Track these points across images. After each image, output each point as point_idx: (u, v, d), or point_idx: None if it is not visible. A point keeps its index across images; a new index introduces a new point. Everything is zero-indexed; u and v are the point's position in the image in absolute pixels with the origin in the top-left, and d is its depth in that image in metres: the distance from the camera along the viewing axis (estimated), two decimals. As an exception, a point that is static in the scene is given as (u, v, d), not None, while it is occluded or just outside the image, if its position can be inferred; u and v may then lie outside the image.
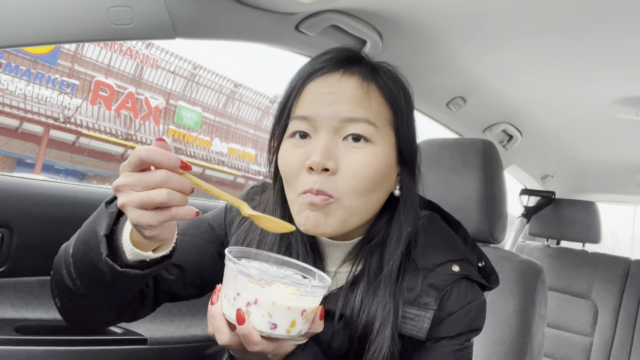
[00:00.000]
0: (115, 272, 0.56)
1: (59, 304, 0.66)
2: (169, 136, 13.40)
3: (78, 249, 0.61)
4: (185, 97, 13.96)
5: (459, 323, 0.66)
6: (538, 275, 1.12)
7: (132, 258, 0.58)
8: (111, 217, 0.58)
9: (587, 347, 2.07)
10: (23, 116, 11.00)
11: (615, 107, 1.51)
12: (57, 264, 0.65)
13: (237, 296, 0.54)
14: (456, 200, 1.16)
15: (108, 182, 12.73)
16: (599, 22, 1.02)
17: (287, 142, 0.67)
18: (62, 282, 0.62)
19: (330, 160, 0.62)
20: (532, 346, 1.05)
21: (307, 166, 0.62)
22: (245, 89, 15.05)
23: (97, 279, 0.59)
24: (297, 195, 0.64)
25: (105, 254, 0.56)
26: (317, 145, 0.62)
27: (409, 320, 0.64)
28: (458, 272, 0.67)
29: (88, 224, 0.61)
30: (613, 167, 2.29)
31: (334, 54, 0.68)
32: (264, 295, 0.53)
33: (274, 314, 0.53)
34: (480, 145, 1.17)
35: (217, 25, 0.95)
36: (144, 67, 13.09)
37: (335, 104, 0.63)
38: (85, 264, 0.59)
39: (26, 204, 0.95)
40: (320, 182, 0.62)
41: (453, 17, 1.07)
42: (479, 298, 0.69)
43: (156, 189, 0.51)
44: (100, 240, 0.57)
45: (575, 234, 2.26)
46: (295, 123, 0.65)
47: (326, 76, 0.66)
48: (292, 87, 0.67)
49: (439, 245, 0.71)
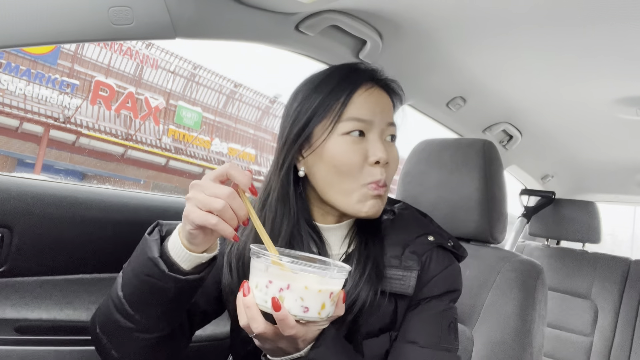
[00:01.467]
0: (179, 281, 0.65)
1: (115, 354, 0.71)
2: (169, 136, 13.40)
3: (131, 284, 0.68)
4: (185, 97, 13.96)
5: (443, 283, 0.79)
6: (538, 275, 1.12)
7: (187, 266, 0.67)
8: (157, 242, 0.68)
9: (587, 347, 2.07)
10: (23, 116, 10.99)
11: (615, 107, 1.51)
12: (106, 316, 0.71)
13: (270, 284, 0.59)
14: (456, 200, 1.16)
15: (108, 182, 12.75)
16: (599, 22, 1.02)
17: (344, 139, 0.75)
18: (117, 326, 0.69)
19: (388, 156, 0.76)
20: (532, 346, 1.05)
21: (373, 161, 0.75)
22: (245, 89, 15.04)
23: (160, 301, 0.67)
24: (360, 185, 0.75)
25: (167, 270, 0.65)
26: (378, 143, 0.75)
27: (397, 280, 0.76)
28: (434, 241, 0.82)
29: (134, 259, 0.69)
30: (613, 167, 2.29)
31: (366, 72, 0.80)
32: (295, 281, 0.58)
33: (305, 298, 0.58)
34: (480, 145, 1.17)
35: (217, 25, 0.95)
36: (144, 67, 13.09)
37: (384, 111, 0.78)
38: (144, 293, 0.67)
39: (26, 204, 0.95)
40: (384, 174, 0.75)
41: (453, 17, 1.07)
42: (454, 263, 0.83)
43: (217, 199, 0.61)
44: (157, 262, 0.65)
45: (575, 234, 2.26)
46: (353, 123, 0.75)
47: (369, 89, 0.78)
48: (342, 90, 0.76)
49: (414, 223, 0.85)
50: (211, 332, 1.19)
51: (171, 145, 13.44)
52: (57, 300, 1.01)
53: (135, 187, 12.33)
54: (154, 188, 13.18)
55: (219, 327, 1.21)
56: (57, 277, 1.02)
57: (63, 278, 1.02)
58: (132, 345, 0.71)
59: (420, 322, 0.76)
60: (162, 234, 0.70)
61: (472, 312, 1.08)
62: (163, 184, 13.35)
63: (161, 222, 0.72)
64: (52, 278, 1.01)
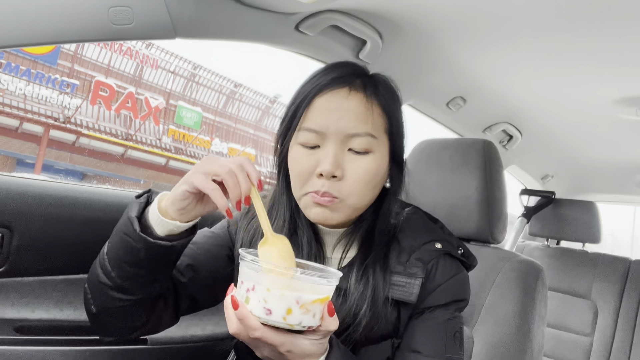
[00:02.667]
0: (149, 244, 0.66)
1: (94, 309, 0.73)
2: (168, 136, 13.40)
3: (113, 243, 0.70)
4: (185, 97, 13.96)
5: (449, 292, 0.77)
6: (538, 275, 1.12)
7: (160, 231, 0.67)
8: (141, 205, 0.69)
9: (587, 347, 2.07)
10: (23, 116, 10.99)
11: (615, 107, 1.51)
12: (92, 270, 0.73)
13: (241, 284, 0.59)
14: (456, 200, 1.16)
15: (108, 182, 12.75)
16: (599, 22, 1.02)
17: (298, 148, 0.75)
18: (97, 281, 0.71)
19: (338, 169, 0.71)
20: (532, 346, 1.05)
21: (317, 173, 0.72)
22: (245, 89, 15.05)
23: (133, 261, 0.68)
24: (303, 194, 0.74)
25: (139, 229, 0.66)
26: (327, 155, 0.71)
27: (400, 287, 0.75)
28: (441, 249, 0.79)
29: (121, 220, 0.71)
30: (613, 167, 2.29)
31: (340, 72, 0.75)
32: (259, 282, 0.57)
33: (268, 300, 0.56)
34: (480, 145, 1.17)
35: (217, 25, 0.95)
36: (144, 67, 13.09)
37: (342, 120, 0.72)
38: (120, 250, 0.68)
39: (26, 204, 0.95)
40: (327, 186, 0.71)
41: (453, 17, 1.07)
42: (462, 272, 0.81)
43: (224, 166, 0.63)
44: (132, 221, 0.67)
45: (575, 234, 2.26)
46: (306, 134, 0.73)
47: (334, 92, 0.74)
48: (302, 98, 0.74)
49: (422, 229, 0.83)
50: (211, 332, 1.19)
51: (171, 145, 13.44)
52: (57, 300, 1.01)
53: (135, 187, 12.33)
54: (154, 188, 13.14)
55: (219, 327, 1.21)
56: (57, 277, 1.02)
57: (63, 278, 1.02)
58: (108, 302, 0.71)
59: (424, 331, 0.75)
60: (149, 200, 0.71)
61: (472, 312, 1.08)
62: (163, 184, 13.35)
63: (153, 190, 0.73)
64: (52, 278, 1.01)
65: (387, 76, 0.81)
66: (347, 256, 0.79)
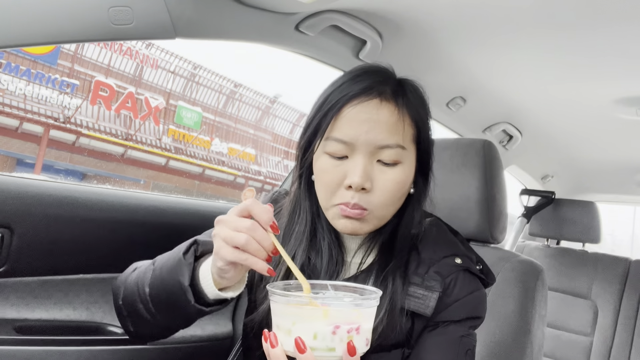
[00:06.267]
0: (202, 312, 0.68)
1: (132, 329, 0.77)
2: (168, 136, 13.40)
3: (159, 292, 0.71)
4: (185, 97, 13.95)
5: (465, 308, 0.75)
6: (538, 275, 1.12)
7: (213, 297, 0.68)
8: (190, 268, 0.68)
9: (587, 347, 2.07)
10: (23, 116, 10.98)
11: (615, 107, 1.51)
12: (130, 298, 0.74)
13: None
14: (456, 200, 1.16)
15: (108, 182, 12.74)
16: (599, 22, 1.02)
17: (325, 158, 0.73)
18: (138, 314, 0.73)
19: (367, 181, 0.70)
20: (532, 346, 1.05)
21: (346, 185, 0.70)
22: (245, 89, 15.03)
23: (181, 316, 0.71)
24: (332, 205, 0.73)
25: (193, 301, 0.67)
26: (356, 167, 0.70)
27: (416, 299, 0.73)
28: (460, 264, 0.77)
29: (167, 271, 0.70)
30: (613, 167, 2.29)
31: (370, 80, 0.73)
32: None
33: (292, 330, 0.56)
34: (480, 146, 1.17)
35: (217, 25, 0.95)
36: (144, 67, 13.08)
37: (373, 131, 0.70)
38: (169, 306, 0.70)
39: (26, 204, 0.95)
40: (357, 198, 0.70)
41: (453, 17, 1.07)
42: (481, 289, 0.79)
43: (240, 233, 0.61)
44: (186, 290, 0.67)
45: (575, 234, 2.26)
46: (334, 144, 0.71)
47: (364, 102, 0.71)
48: (330, 107, 0.72)
49: (442, 242, 0.81)
50: (211, 332, 1.19)
51: (171, 145, 13.43)
52: (57, 300, 1.01)
53: (135, 187, 12.34)
54: (154, 188, 13.18)
55: (219, 327, 1.21)
56: (57, 277, 1.02)
57: (63, 278, 1.03)
58: (148, 327, 0.75)
59: (437, 346, 0.74)
60: (196, 254, 0.70)
61: (472, 312, 1.08)
62: (163, 184, 13.35)
63: (198, 240, 0.72)
64: (52, 278, 1.01)
65: (417, 83, 0.79)
66: (366, 261, 0.78)
